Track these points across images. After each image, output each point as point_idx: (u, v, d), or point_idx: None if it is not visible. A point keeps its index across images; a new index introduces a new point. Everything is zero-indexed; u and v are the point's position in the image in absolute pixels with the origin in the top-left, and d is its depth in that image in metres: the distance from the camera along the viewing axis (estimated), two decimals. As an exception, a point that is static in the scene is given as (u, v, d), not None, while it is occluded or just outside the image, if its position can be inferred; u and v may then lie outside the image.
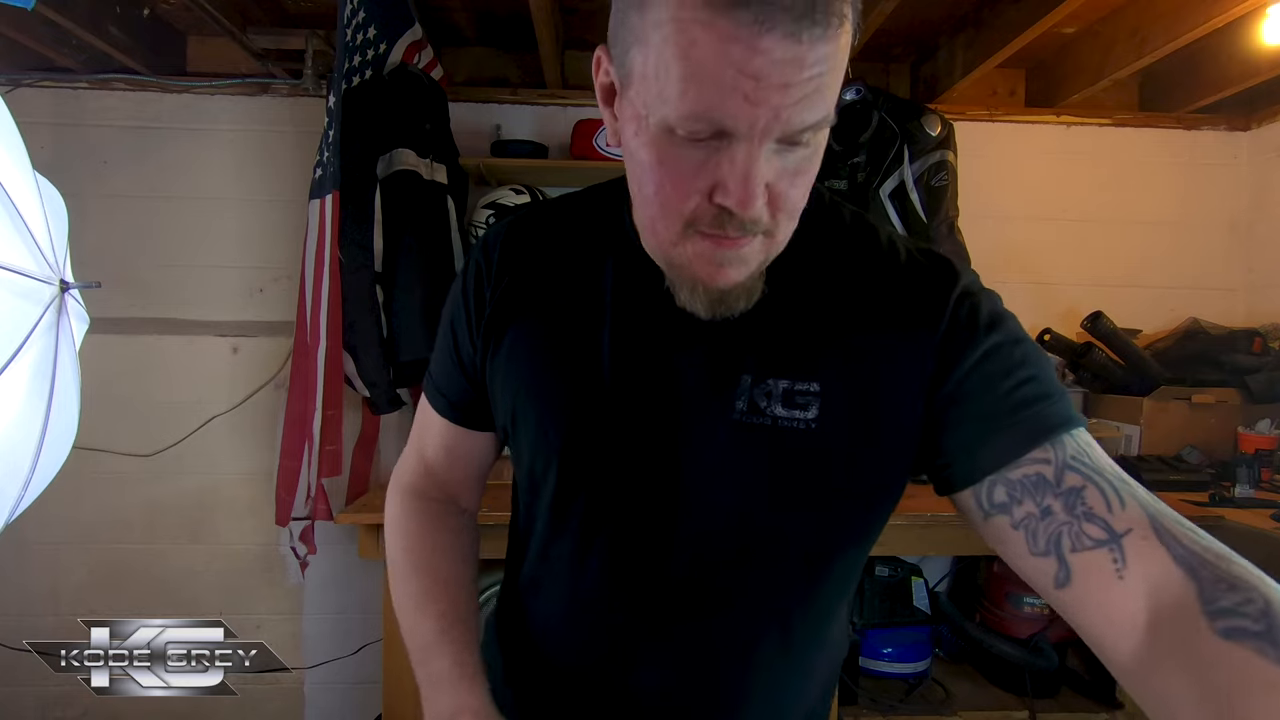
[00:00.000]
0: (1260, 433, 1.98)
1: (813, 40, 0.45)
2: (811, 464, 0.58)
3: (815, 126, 0.48)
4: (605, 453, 0.63)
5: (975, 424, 0.55)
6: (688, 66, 0.46)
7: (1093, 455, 0.53)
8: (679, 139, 0.49)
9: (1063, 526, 0.50)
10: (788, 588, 0.63)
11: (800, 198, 0.53)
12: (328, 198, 1.71)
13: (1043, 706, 1.72)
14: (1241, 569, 0.45)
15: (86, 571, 2.22)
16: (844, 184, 2.16)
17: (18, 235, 0.66)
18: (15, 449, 0.67)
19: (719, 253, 0.53)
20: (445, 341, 0.73)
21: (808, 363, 0.58)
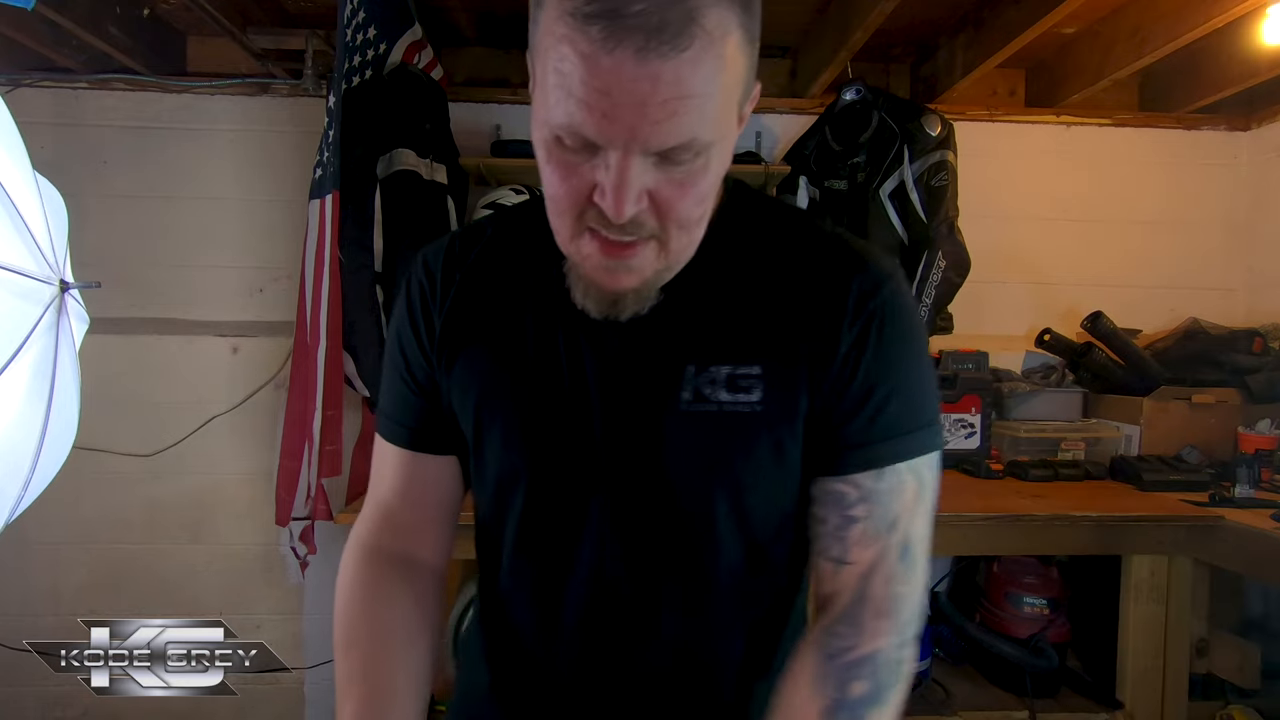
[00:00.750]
0: (1260, 433, 1.97)
1: (664, 59, 0.46)
2: (759, 444, 0.61)
3: (685, 148, 0.50)
4: (569, 457, 0.64)
5: (844, 429, 0.61)
6: (558, 79, 0.49)
7: (898, 494, 0.61)
8: (564, 145, 0.51)
9: (829, 539, 0.62)
10: (752, 568, 0.65)
11: (690, 209, 0.54)
12: (328, 198, 1.71)
13: (1043, 706, 1.72)
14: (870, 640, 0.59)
15: (86, 571, 2.22)
16: (844, 184, 2.16)
17: (18, 235, 0.66)
18: (15, 449, 0.67)
19: (608, 260, 0.56)
20: (394, 367, 0.72)
21: (747, 347, 0.61)
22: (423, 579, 0.73)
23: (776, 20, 2.15)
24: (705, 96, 0.49)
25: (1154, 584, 1.65)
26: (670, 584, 0.65)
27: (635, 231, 0.54)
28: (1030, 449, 2.10)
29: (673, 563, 0.64)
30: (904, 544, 0.61)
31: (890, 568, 0.60)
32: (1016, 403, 2.24)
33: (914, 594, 0.61)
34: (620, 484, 0.63)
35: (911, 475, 0.62)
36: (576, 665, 0.68)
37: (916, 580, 0.61)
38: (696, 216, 0.56)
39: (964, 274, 2.05)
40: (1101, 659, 1.76)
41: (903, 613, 0.60)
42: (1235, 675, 1.85)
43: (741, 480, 0.62)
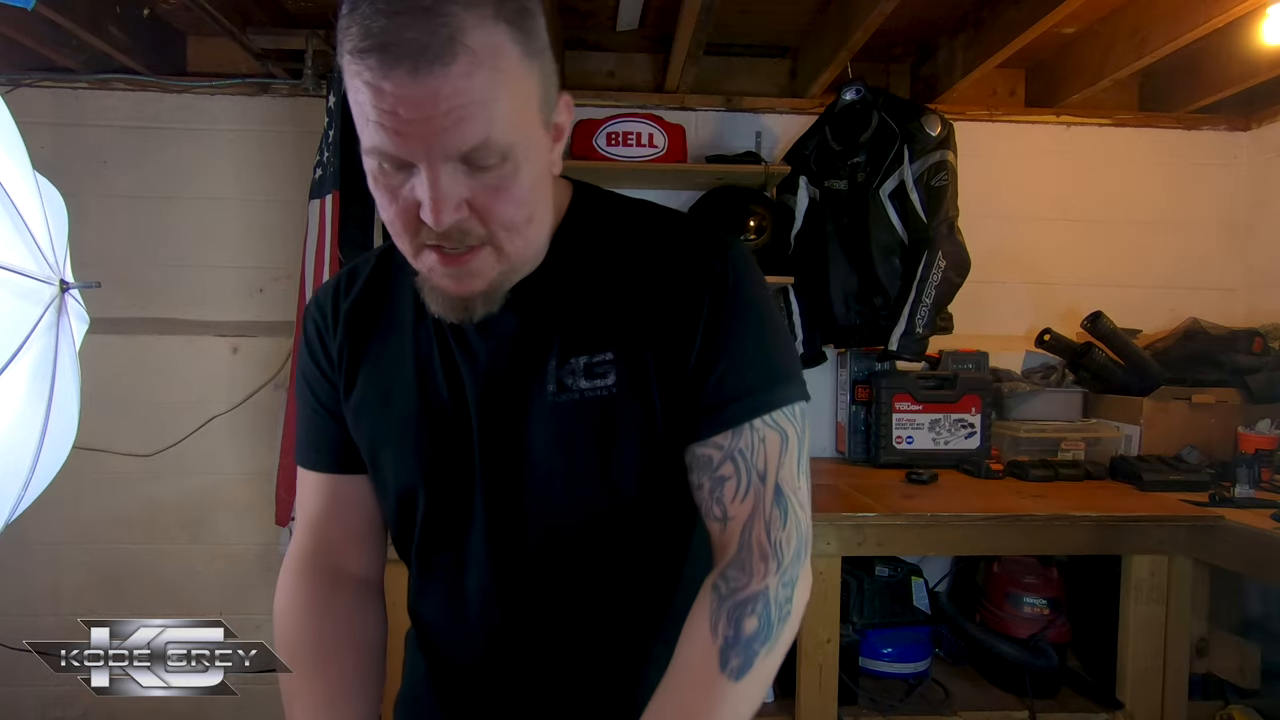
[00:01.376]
0: (1260, 433, 1.97)
1: (435, 76, 0.51)
2: (620, 424, 0.65)
3: (482, 150, 0.54)
4: (455, 463, 0.68)
5: (697, 397, 0.65)
6: (358, 110, 0.54)
7: (759, 449, 0.64)
8: (385, 170, 0.56)
9: (708, 501, 0.65)
10: (632, 540, 0.69)
11: (511, 212, 0.58)
12: (328, 198, 1.71)
13: (1043, 706, 1.72)
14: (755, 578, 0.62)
15: (86, 571, 2.22)
16: (844, 184, 2.16)
17: (18, 235, 0.66)
18: (15, 449, 0.67)
19: (448, 269, 0.60)
20: (305, 402, 0.77)
21: (599, 336, 0.65)
22: (357, 589, 0.77)
23: (776, 20, 2.15)
24: (486, 103, 0.53)
25: (1154, 584, 1.65)
26: (559, 567, 0.69)
27: (464, 240, 0.58)
28: (1030, 449, 2.10)
29: (558, 547, 0.68)
30: (777, 491, 0.64)
31: (768, 514, 0.64)
32: (1016, 403, 2.24)
33: (793, 537, 0.64)
34: (501, 481, 0.68)
35: (770, 428, 0.64)
36: (484, 655, 0.72)
37: (794, 523, 0.64)
38: (521, 219, 0.60)
39: (964, 274, 2.05)
40: (1101, 659, 1.76)
41: (784, 555, 0.63)
42: (1235, 675, 1.85)
43: (610, 458, 0.66)
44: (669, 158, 2.13)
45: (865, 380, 2.24)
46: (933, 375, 2.15)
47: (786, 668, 1.75)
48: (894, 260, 2.11)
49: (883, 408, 2.11)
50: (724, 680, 0.59)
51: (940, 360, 2.25)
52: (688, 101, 2.33)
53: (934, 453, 2.11)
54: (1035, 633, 1.78)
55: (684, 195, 2.32)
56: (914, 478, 1.93)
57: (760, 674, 0.60)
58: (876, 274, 2.12)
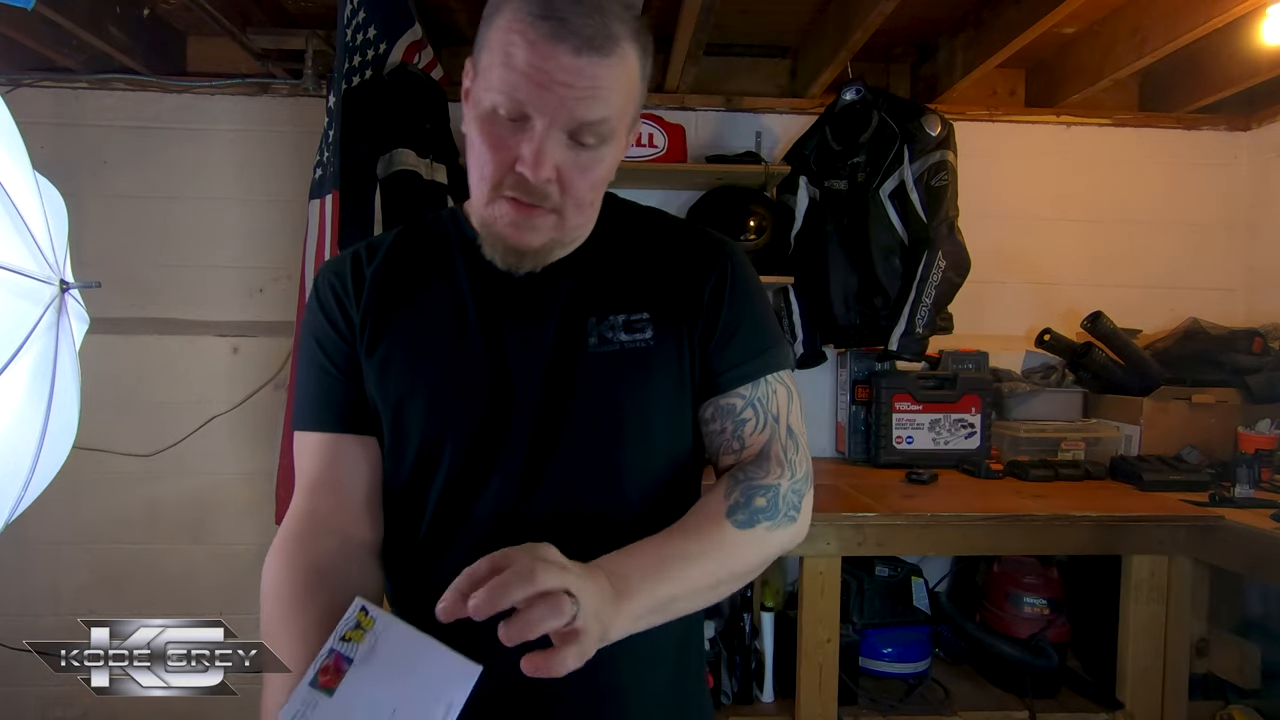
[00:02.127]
0: (1260, 433, 1.97)
1: (590, 59, 0.63)
2: (656, 371, 0.75)
3: (595, 128, 0.66)
4: (493, 409, 0.73)
5: (722, 355, 0.76)
6: (507, 60, 0.64)
7: (773, 397, 0.77)
8: (498, 119, 0.66)
9: (728, 439, 0.77)
10: (657, 479, 0.76)
11: (586, 190, 0.69)
12: (328, 198, 1.71)
13: (1043, 706, 1.72)
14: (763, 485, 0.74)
15: (86, 571, 2.22)
16: (844, 184, 2.16)
17: (18, 235, 0.66)
18: (15, 449, 0.67)
19: (517, 215, 0.69)
20: (313, 364, 0.79)
21: (636, 298, 0.76)
22: (352, 549, 0.76)
23: (776, 20, 2.15)
24: (613, 92, 0.66)
25: (1154, 584, 1.65)
26: (591, 508, 0.73)
27: (542, 200, 0.68)
28: (1030, 449, 2.10)
29: (593, 487, 0.74)
30: (789, 429, 0.78)
31: (782, 441, 0.77)
32: (1016, 403, 2.24)
33: (803, 462, 0.77)
34: (541, 426, 0.73)
35: (779, 383, 0.78)
36: None
37: (803, 454, 0.78)
38: (589, 200, 0.71)
39: (964, 274, 2.05)
40: (1101, 659, 1.76)
41: (796, 469, 0.76)
42: (1235, 675, 1.85)
43: (647, 402, 0.75)
44: (669, 158, 2.13)
45: (865, 380, 2.24)
46: (933, 375, 2.15)
47: (787, 668, 1.75)
48: (894, 260, 2.11)
49: (883, 408, 2.11)
50: (727, 523, 0.71)
51: (940, 360, 2.25)
52: (688, 101, 2.32)
53: (934, 453, 2.11)
54: (1035, 633, 1.78)
55: (684, 195, 2.32)
56: (914, 478, 1.93)
57: (757, 538, 0.72)
58: (876, 274, 2.11)
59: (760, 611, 1.84)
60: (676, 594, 0.66)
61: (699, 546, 0.69)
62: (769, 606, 1.85)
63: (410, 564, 0.77)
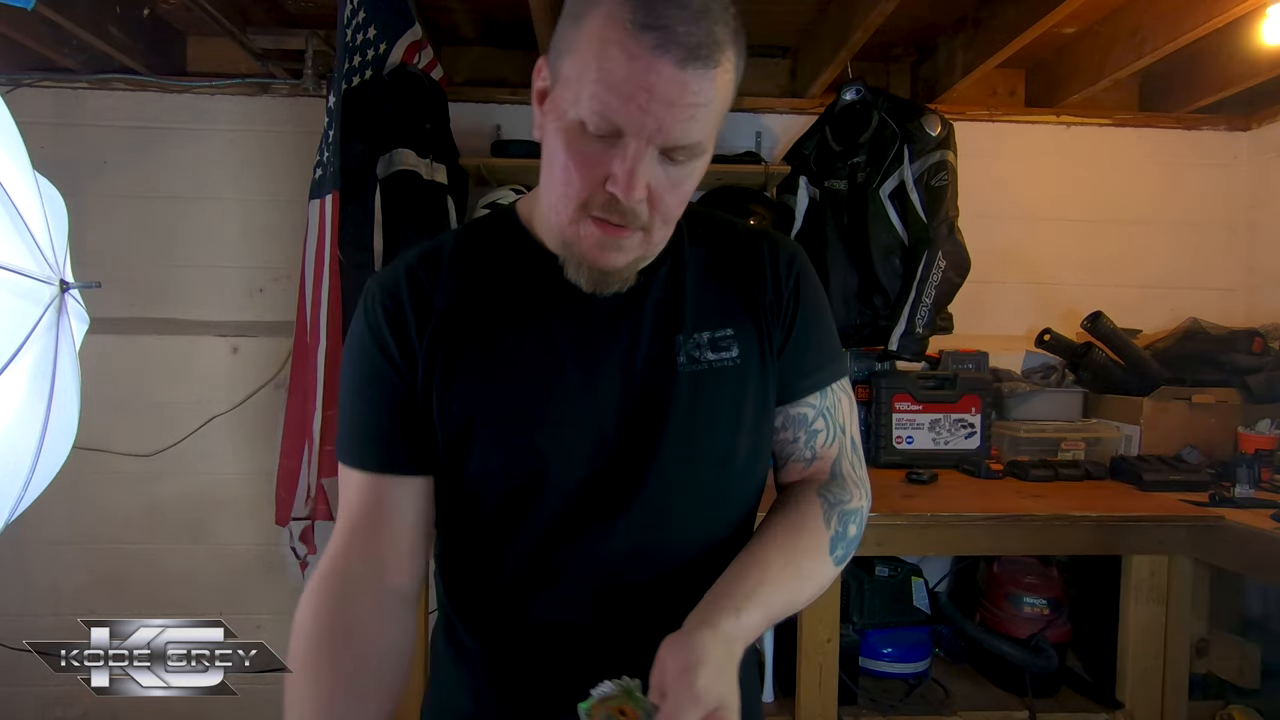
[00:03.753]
0: (1260, 433, 1.97)
1: (696, 72, 0.58)
2: (745, 389, 0.74)
3: (690, 148, 0.62)
4: (591, 446, 0.71)
5: (795, 365, 0.77)
6: (601, 73, 0.58)
7: (839, 406, 0.79)
8: (586, 134, 0.61)
9: (800, 448, 0.79)
10: (729, 496, 0.76)
11: (675, 208, 0.66)
12: (328, 198, 1.71)
13: (1043, 706, 1.72)
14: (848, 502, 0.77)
15: (86, 571, 2.22)
16: (844, 184, 2.16)
17: (18, 235, 0.66)
18: (15, 449, 0.67)
19: (604, 237, 0.65)
20: (359, 395, 0.74)
21: (717, 315, 0.75)
22: (387, 596, 0.72)
23: (776, 20, 2.15)
24: (712, 110, 0.61)
25: (1154, 584, 1.65)
26: (686, 523, 0.74)
27: (632, 220, 0.64)
28: (1030, 449, 2.10)
29: (689, 516, 0.74)
30: (853, 440, 0.80)
31: (850, 456, 0.80)
32: (1016, 403, 2.24)
33: (867, 475, 0.81)
34: (641, 442, 0.71)
35: (842, 392, 0.80)
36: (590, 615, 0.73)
37: (864, 465, 0.82)
38: (676, 215, 0.68)
39: (964, 274, 2.05)
40: (1101, 659, 1.76)
41: (867, 485, 0.80)
42: (1235, 675, 1.85)
43: (738, 420, 0.74)
44: (669, 158, 2.13)
45: (865, 380, 2.24)
46: (933, 375, 2.15)
47: (786, 668, 1.75)
48: (894, 260, 2.11)
49: (883, 408, 2.11)
50: (829, 560, 0.73)
51: (940, 360, 2.25)
52: (688, 101, 2.32)
53: (934, 453, 2.11)
54: (1035, 633, 1.78)
55: (684, 195, 2.32)
56: (914, 478, 1.93)
57: (841, 570, 0.76)
58: (876, 274, 2.11)
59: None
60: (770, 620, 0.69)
61: (806, 585, 0.72)
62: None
63: (495, 605, 0.75)
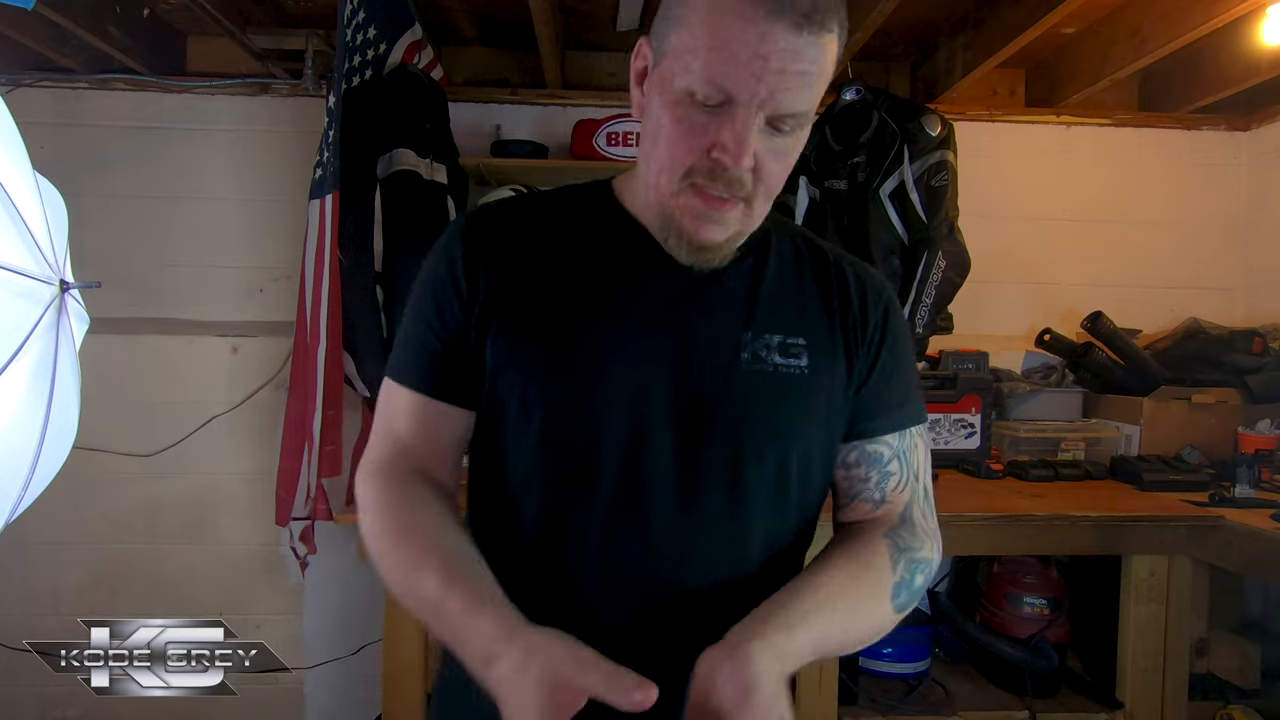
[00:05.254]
0: (1260, 433, 1.97)
1: (810, 37, 0.58)
2: (809, 399, 0.72)
3: (798, 117, 0.62)
4: (637, 417, 0.69)
5: (876, 399, 0.75)
6: (715, 40, 0.59)
7: (915, 451, 0.77)
8: (694, 103, 0.61)
9: (871, 489, 0.76)
10: (774, 510, 0.72)
11: (778, 178, 0.65)
12: (328, 198, 1.71)
13: (1043, 706, 1.72)
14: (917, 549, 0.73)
15: (86, 571, 2.22)
16: (844, 184, 2.16)
17: (18, 235, 0.66)
18: (15, 449, 0.67)
19: (706, 210, 0.65)
20: (422, 317, 0.74)
21: (793, 322, 0.72)
22: (440, 491, 0.73)
23: (776, 20, 2.15)
24: (819, 78, 0.61)
25: (1154, 584, 1.65)
26: (716, 520, 0.70)
27: (736, 190, 0.64)
28: (1030, 449, 2.10)
29: (721, 499, 0.70)
30: (926, 488, 0.77)
31: (921, 505, 0.76)
32: (1016, 403, 2.24)
33: (938, 528, 0.77)
34: (688, 430, 0.69)
35: (920, 436, 0.77)
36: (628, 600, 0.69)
37: (935, 518, 0.78)
38: (778, 187, 0.66)
39: (964, 274, 2.05)
40: (1101, 659, 1.76)
41: (938, 538, 0.76)
42: (1235, 675, 1.85)
43: (792, 431, 0.71)
44: (669, 158, 2.13)
45: (865, 380, 2.24)
46: (933, 375, 2.15)
47: (786, 668, 1.75)
48: (894, 260, 2.11)
49: (883, 408, 2.11)
50: (889, 606, 0.69)
51: (940, 360, 2.25)
52: (688, 101, 2.32)
53: (934, 453, 2.10)
54: (1035, 633, 1.78)
55: (684, 195, 2.32)
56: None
57: (899, 619, 0.71)
58: (876, 274, 2.12)
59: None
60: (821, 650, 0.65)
61: (860, 626, 0.68)
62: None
63: (520, 561, 0.71)
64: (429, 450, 0.74)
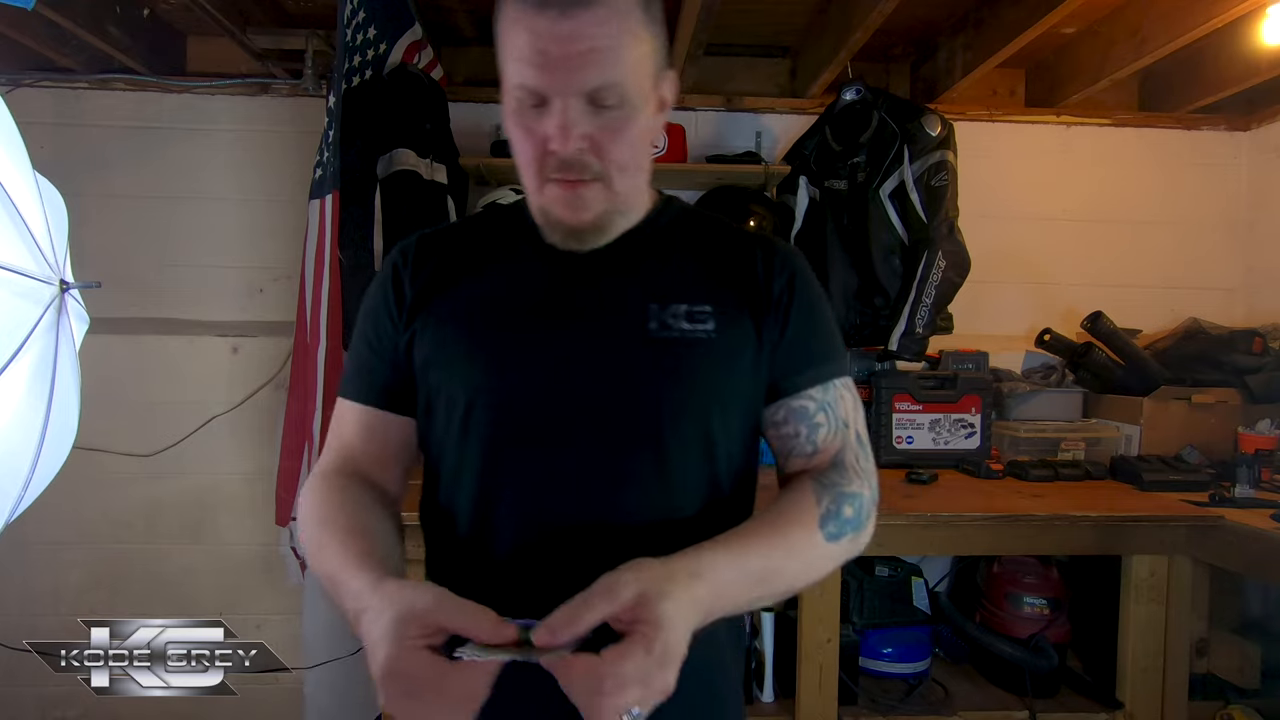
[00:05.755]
0: (1260, 433, 1.97)
1: (580, 16, 0.63)
2: (717, 362, 0.75)
3: (609, 89, 0.66)
4: (550, 378, 0.74)
5: (793, 358, 0.78)
6: (508, 51, 0.66)
7: (842, 401, 0.79)
8: (525, 109, 0.67)
9: (802, 442, 0.78)
10: (689, 468, 0.75)
11: (624, 152, 0.70)
12: (328, 198, 1.71)
13: (1043, 706, 1.72)
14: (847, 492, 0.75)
15: (86, 571, 2.22)
16: (844, 184, 2.16)
17: (18, 235, 0.66)
18: (15, 449, 0.67)
19: (565, 193, 0.70)
20: (363, 338, 0.83)
21: (699, 292, 0.76)
22: (380, 494, 0.78)
23: (776, 20, 2.15)
24: (615, 49, 0.65)
25: (1154, 584, 1.65)
26: (638, 479, 0.73)
27: (583, 171, 0.69)
28: (1030, 449, 2.10)
29: (644, 465, 0.73)
30: (858, 433, 0.80)
31: (854, 449, 0.79)
32: (1016, 403, 2.24)
33: (874, 473, 0.79)
34: (598, 399, 0.73)
35: (845, 389, 0.80)
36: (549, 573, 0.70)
37: (871, 461, 0.80)
38: (630, 161, 0.71)
39: (964, 274, 2.05)
40: (1101, 659, 1.76)
41: (871, 478, 0.78)
42: (1235, 675, 1.85)
43: (702, 390, 0.74)
44: (669, 158, 2.13)
45: (865, 380, 2.23)
46: (933, 375, 2.15)
47: (787, 668, 1.75)
48: (894, 260, 2.11)
49: (883, 408, 2.11)
50: (819, 534, 0.71)
51: (940, 360, 2.25)
52: (688, 101, 2.32)
53: (934, 453, 2.11)
54: (1035, 633, 1.78)
55: (684, 195, 2.29)
56: (914, 478, 1.93)
57: (838, 551, 0.73)
58: (876, 274, 2.12)
59: (760, 611, 1.84)
60: (760, 598, 0.69)
61: (789, 557, 0.70)
62: (769, 607, 1.85)
63: (456, 562, 0.77)
64: (374, 456, 0.80)
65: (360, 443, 0.80)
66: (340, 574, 0.67)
